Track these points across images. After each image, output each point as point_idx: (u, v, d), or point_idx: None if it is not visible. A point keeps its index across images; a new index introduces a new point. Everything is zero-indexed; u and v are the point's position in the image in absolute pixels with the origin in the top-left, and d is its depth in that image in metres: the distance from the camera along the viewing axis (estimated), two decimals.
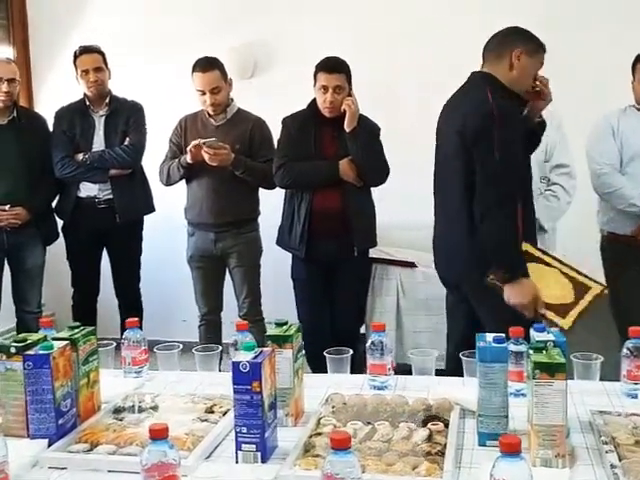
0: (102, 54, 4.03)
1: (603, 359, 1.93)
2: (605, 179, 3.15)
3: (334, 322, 3.62)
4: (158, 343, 2.24)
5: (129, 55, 4.59)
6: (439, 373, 2.09)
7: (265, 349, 1.68)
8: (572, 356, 1.92)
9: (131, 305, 4.21)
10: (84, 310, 4.17)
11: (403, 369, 2.35)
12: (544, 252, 2.61)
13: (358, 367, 2.13)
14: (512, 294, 2.48)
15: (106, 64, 4.04)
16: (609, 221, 3.28)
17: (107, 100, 4.06)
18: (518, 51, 2.56)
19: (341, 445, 1.30)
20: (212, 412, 1.86)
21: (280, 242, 3.66)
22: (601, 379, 1.95)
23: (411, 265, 3.97)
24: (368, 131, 3.50)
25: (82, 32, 4.72)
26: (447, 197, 2.75)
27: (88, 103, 4.06)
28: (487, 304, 2.60)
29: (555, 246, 3.36)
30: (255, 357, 1.61)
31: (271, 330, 1.82)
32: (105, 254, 4.22)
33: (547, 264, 2.54)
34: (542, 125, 2.76)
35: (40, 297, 4.13)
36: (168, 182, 3.85)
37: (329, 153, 3.50)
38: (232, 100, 3.81)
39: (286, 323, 1.84)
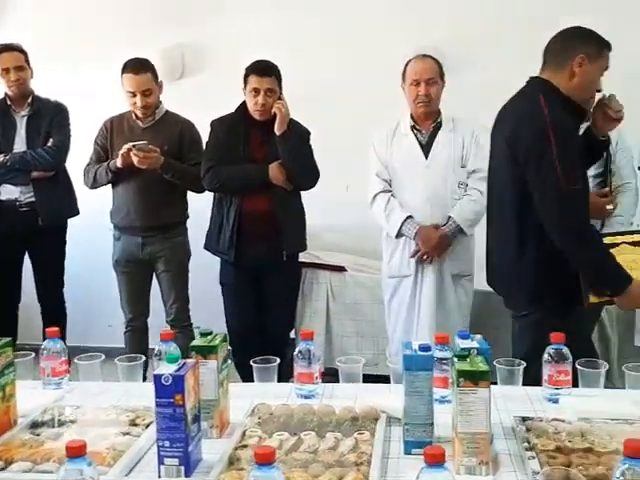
0: (24, 53, 3.91)
1: (525, 364, 1.96)
2: None
3: (263, 327, 3.59)
4: (82, 349, 2.18)
5: (53, 55, 4.45)
6: (367, 378, 2.09)
7: (189, 360, 1.64)
8: (495, 362, 1.95)
9: (54, 311, 4.11)
10: (4, 316, 4.03)
11: (330, 372, 2.35)
12: (617, 233, 2.51)
13: (287, 372, 2.11)
14: (625, 304, 2.46)
15: (28, 63, 3.91)
16: None
17: (29, 100, 3.94)
18: (580, 58, 2.36)
19: (265, 460, 1.27)
20: (135, 425, 1.81)
21: (208, 246, 3.61)
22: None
23: (341, 269, 3.98)
24: (298, 135, 3.49)
25: (5, 31, 4.54)
26: (498, 210, 2.60)
27: (9, 103, 3.94)
28: (525, 327, 2.53)
29: (474, 251, 3.41)
30: (178, 369, 1.57)
31: (195, 341, 1.78)
32: (27, 258, 4.08)
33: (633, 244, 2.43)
34: (605, 143, 2.63)
35: None
36: (94, 185, 3.75)
37: (258, 156, 3.46)
38: (160, 102, 3.73)
39: (211, 333, 1.80)
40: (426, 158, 3.32)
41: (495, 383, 1.96)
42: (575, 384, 1.95)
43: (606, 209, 3.21)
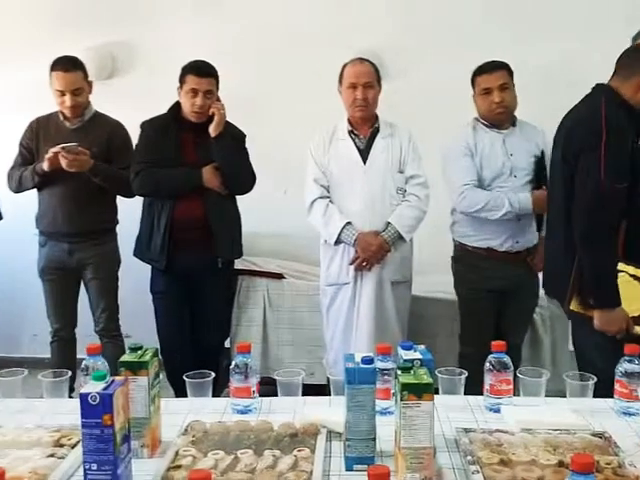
0: None
1: (467, 374, 1.94)
2: (471, 197, 3.17)
3: (197, 337, 3.48)
4: (6, 360, 2.04)
5: None
6: (304, 388, 2.01)
7: (118, 378, 1.54)
8: (437, 371, 1.91)
9: None
10: None
11: (266, 382, 2.28)
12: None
13: (223, 383, 2.02)
14: (601, 321, 2.42)
15: None
16: (464, 234, 3.32)
17: None
18: None
19: None
20: (61, 445, 1.70)
21: (138, 253, 3.48)
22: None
23: (278, 276, 3.90)
24: (233, 138, 3.40)
25: None
26: (551, 208, 2.67)
27: None
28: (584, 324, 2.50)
29: (412, 255, 3.40)
30: (106, 387, 1.47)
31: (125, 356, 1.68)
32: None
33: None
34: None
35: None
36: (18, 189, 3.57)
37: (191, 159, 3.35)
38: (89, 103, 3.59)
39: (141, 347, 1.71)
40: (364, 163, 3.28)
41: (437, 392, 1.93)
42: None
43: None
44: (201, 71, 3.29)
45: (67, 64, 3.45)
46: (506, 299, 3.26)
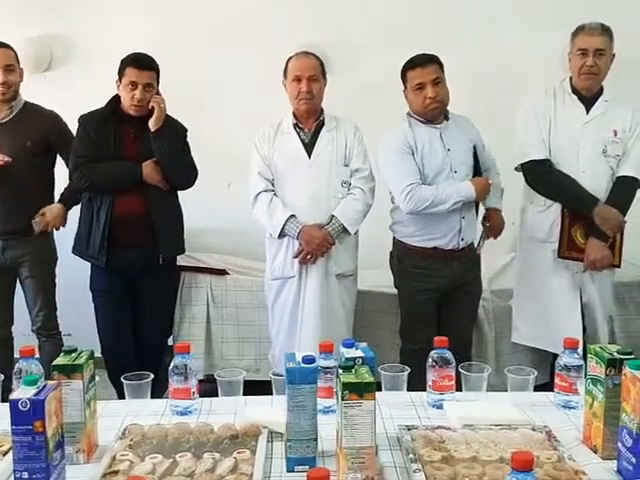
0: None
1: (410, 370, 1.93)
2: (417, 197, 3.13)
3: (139, 335, 3.40)
4: None
5: None
6: (249, 385, 1.98)
7: (50, 382, 1.49)
8: (380, 368, 1.90)
9: None
10: None
11: (211, 379, 2.24)
12: None
13: (165, 382, 1.97)
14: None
15: None
16: (409, 235, 3.31)
17: None
18: None
19: None
20: None
21: (77, 251, 3.38)
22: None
23: (222, 272, 3.85)
24: (174, 132, 3.33)
25: None
26: None
27: None
28: None
29: (358, 250, 3.38)
30: (37, 393, 1.42)
31: (58, 359, 1.63)
32: None
33: None
34: None
35: None
36: None
37: (130, 154, 3.27)
38: (19, 94, 3.45)
39: (75, 350, 1.65)
40: (309, 157, 3.25)
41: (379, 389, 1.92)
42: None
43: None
44: (141, 64, 3.21)
45: (0, 43, 3.35)
46: (451, 295, 3.27)
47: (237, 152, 3.43)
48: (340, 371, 1.50)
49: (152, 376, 1.90)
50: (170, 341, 3.70)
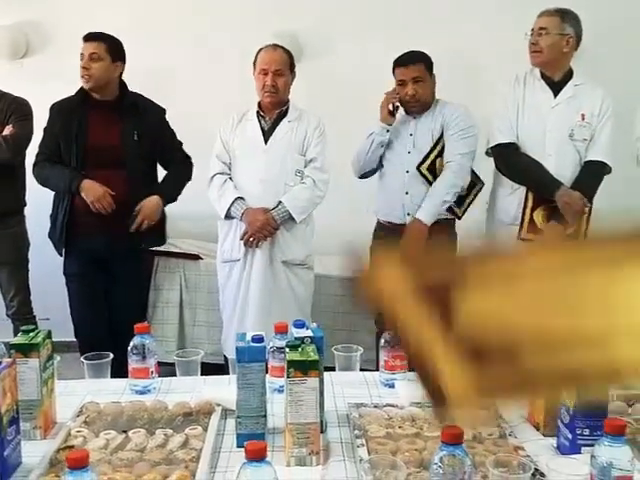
0: None
1: (362, 350, 1.98)
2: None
3: (113, 319, 3.44)
4: None
5: None
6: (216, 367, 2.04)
7: (5, 360, 1.53)
8: (333, 349, 1.95)
9: None
10: None
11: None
12: None
13: None
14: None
15: None
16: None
17: None
18: None
19: (77, 464, 1.21)
20: None
21: (51, 235, 3.42)
22: None
23: (195, 257, 3.89)
24: (157, 121, 3.40)
25: None
26: None
27: None
28: None
29: (311, 239, 3.42)
30: None
31: (16, 338, 1.67)
32: None
33: None
34: None
35: None
36: None
37: (96, 139, 3.29)
38: None
39: (33, 330, 1.70)
40: (265, 143, 3.31)
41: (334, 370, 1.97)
42: None
43: None
44: (88, 36, 3.28)
45: None
46: None
47: (211, 138, 3.46)
48: (287, 350, 1.55)
49: (112, 356, 1.94)
50: None
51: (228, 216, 3.31)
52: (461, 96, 3.51)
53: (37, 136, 3.44)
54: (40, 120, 3.49)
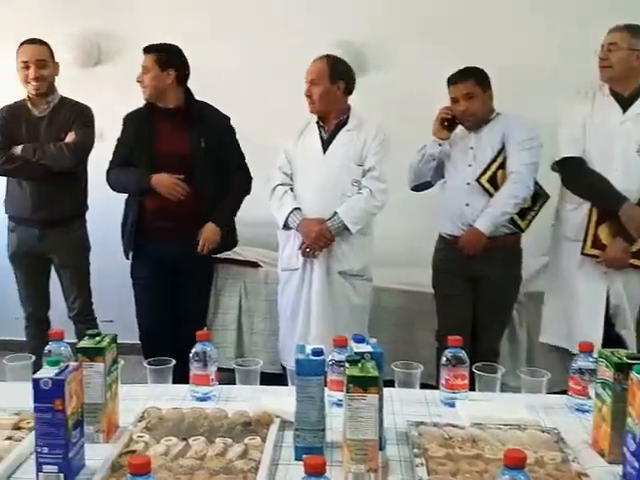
0: None
1: (422, 368, 1.96)
2: None
3: (176, 323, 3.50)
4: None
5: None
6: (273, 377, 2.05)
7: (72, 364, 1.57)
8: (393, 365, 1.94)
9: None
10: None
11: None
12: None
13: None
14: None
15: None
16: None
17: None
18: None
19: (138, 470, 1.23)
20: (19, 428, 1.73)
21: (123, 240, 3.52)
22: None
23: (254, 265, 3.93)
24: (221, 133, 3.48)
25: None
26: None
27: None
28: None
29: (370, 250, 3.41)
30: (59, 373, 1.50)
31: (82, 342, 1.71)
32: None
33: None
34: None
35: None
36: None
37: (165, 147, 3.39)
38: (55, 88, 3.55)
39: (99, 334, 1.73)
40: (324, 153, 3.33)
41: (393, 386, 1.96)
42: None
43: None
44: (143, 49, 3.42)
45: (33, 39, 3.47)
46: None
47: (274, 146, 3.50)
48: (346, 364, 1.55)
49: (174, 361, 1.97)
50: None
51: (286, 226, 3.33)
52: (524, 109, 3.47)
53: (104, 143, 3.55)
54: (111, 126, 3.59)
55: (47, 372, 1.50)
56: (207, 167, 3.40)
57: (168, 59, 3.38)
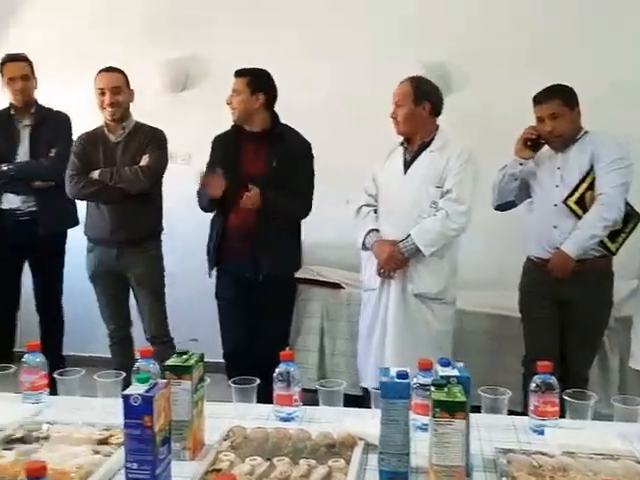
0: (29, 62, 3.92)
1: (511, 394, 1.91)
2: None
3: (258, 343, 3.53)
4: (80, 358, 2.14)
5: (55, 66, 4.40)
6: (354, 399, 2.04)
7: (161, 381, 1.60)
8: (480, 390, 1.89)
9: (52, 319, 4.11)
10: (3, 324, 4.05)
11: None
12: None
13: None
14: None
15: (33, 73, 3.92)
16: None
17: (33, 110, 3.94)
18: None
19: None
20: (107, 443, 1.77)
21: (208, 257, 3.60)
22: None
23: (336, 286, 3.93)
24: (296, 152, 3.49)
25: (6, 44, 4.55)
26: None
27: (13, 112, 3.93)
28: None
29: (452, 273, 3.35)
30: (148, 390, 1.53)
31: (170, 360, 1.74)
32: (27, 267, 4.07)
33: None
34: None
35: None
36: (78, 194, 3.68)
37: (250, 170, 3.46)
38: (130, 114, 3.68)
39: (186, 352, 1.77)
40: (405, 174, 3.33)
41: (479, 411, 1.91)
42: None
43: None
44: (234, 72, 3.48)
45: (109, 67, 3.62)
46: None
47: (356, 168, 3.52)
48: (432, 388, 1.52)
49: (258, 381, 1.99)
50: None
51: (364, 247, 3.34)
52: (616, 128, 3.38)
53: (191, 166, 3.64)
54: (197, 149, 3.68)
55: (137, 389, 1.53)
56: (275, 188, 3.42)
57: (258, 83, 3.45)
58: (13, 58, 3.88)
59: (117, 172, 3.54)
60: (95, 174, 3.56)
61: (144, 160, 3.59)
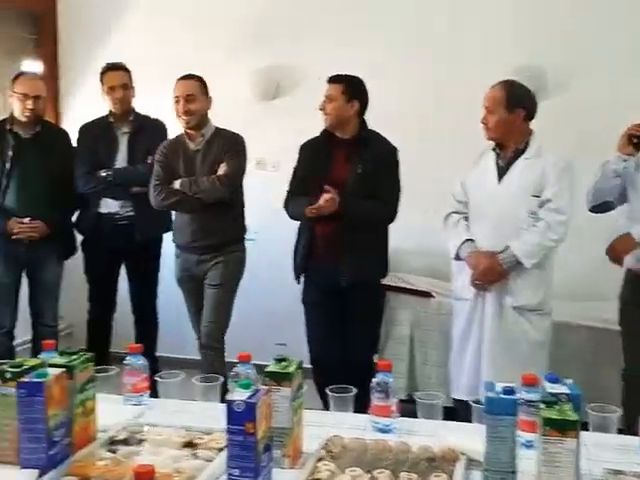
0: (128, 71, 4.04)
1: (621, 412, 1.83)
2: None
3: (347, 350, 3.52)
4: (174, 360, 2.18)
5: (150, 76, 4.50)
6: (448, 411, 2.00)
7: (262, 387, 1.60)
8: (588, 408, 1.82)
9: (147, 322, 4.21)
10: (99, 326, 4.17)
11: (412, 401, 2.26)
12: None
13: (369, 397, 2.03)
14: None
15: (131, 81, 4.04)
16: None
17: (131, 117, 4.06)
18: None
19: None
20: (208, 448, 1.79)
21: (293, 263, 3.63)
22: None
23: (426, 295, 3.87)
24: (380, 158, 3.47)
25: (107, 51, 4.71)
26: None
27: (112, 120, 4.05)
28: None
29: (549, 283, 3.24)
30: (251, 396, 1.53)
31: (270, 367, 1.75)
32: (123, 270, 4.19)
33: None
34: None
35: (56, 311, 4.11)
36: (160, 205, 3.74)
37: (340, 176, 3.46)
38: (209, 120, 3.72)
39: (285, 359, 1.76)
40: (499, 182, 3.21)
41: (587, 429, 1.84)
42: None
43: None
44: (328, 78, 3.48)
45: (187, 75, 3.68)
46: None
47: (443, 176, 3.47)
48: (542, 406, 1.47)
49: (355, 390, 1.97)
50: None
51: (457, 256, 3.26)
52: None
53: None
54: (285, 157, 3.71)
55: (239, 395, 1.54)
56: (359, 194, 3.41)
57: (353, 90, 3.45)
58: (113, 67, 4.01)
59: (195, 182, 3.60)
60: (176, 184, 3.62)
61: (221, 169, 3.62)
